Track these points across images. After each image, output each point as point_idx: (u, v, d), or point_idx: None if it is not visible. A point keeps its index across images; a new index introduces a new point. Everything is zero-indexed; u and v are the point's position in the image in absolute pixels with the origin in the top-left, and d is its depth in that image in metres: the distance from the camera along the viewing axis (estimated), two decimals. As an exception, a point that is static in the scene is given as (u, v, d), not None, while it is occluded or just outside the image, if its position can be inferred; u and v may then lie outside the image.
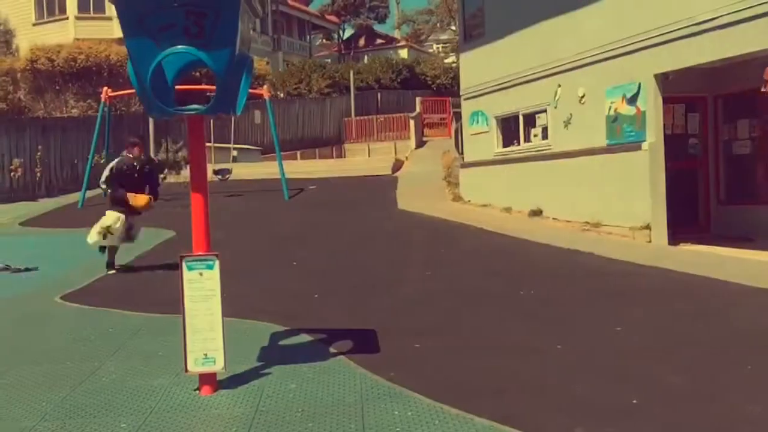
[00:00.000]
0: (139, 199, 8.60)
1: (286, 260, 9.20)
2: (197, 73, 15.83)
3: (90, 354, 5.22)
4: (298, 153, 26.02)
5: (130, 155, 8.78)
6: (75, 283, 7.99)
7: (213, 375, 4.31)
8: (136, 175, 8.72)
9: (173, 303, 4.49)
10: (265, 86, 19.54)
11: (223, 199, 15.68)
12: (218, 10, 3.94)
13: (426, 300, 6.79)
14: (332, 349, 5.02)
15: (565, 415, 3.71)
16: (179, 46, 3.92)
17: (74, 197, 16.97)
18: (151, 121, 19.21)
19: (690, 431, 3.49)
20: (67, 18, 28.13)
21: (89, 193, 16.81)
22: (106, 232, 8.52)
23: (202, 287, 4.24)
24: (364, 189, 17.74)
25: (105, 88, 16.45)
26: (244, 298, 6.67)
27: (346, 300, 6.88)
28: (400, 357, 4.86)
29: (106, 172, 8.84)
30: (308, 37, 43.08)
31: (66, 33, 27.38)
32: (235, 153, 18.89)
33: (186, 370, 4.25)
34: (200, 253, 4.29)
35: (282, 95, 28.58)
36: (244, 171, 19.20)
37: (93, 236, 8.58)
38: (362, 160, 24.54)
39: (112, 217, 8.59)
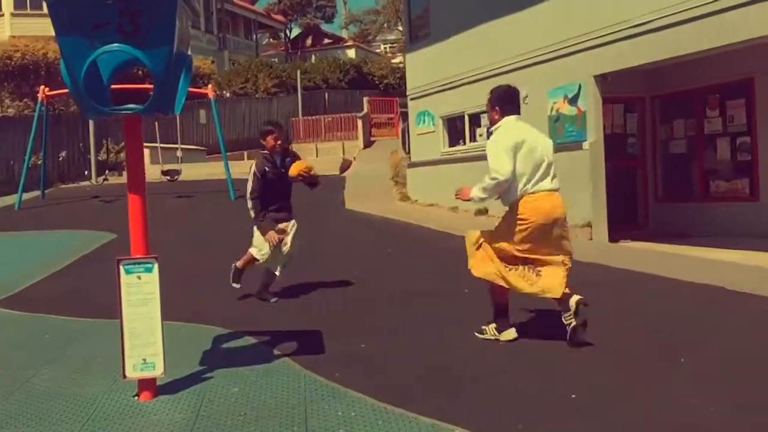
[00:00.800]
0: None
1: (231, 262, 9.06)
2: (140, 72, 15.48)
3: (25, 361, 5.06)
4: (245, 153, 25.70)
5: (266, 151, 6.73)
6: (10, 288, 7.73)
7: (152, 380, 4.22)
8: (282, 178, 6.70)
9: (112, 308, 4.38)
10: (209, 86, 19.24)
11: (169, 201, 15.38)
12: (154, 8, 3.86)
13: (373, 300, 6.79)
14: (276, 351, 4.98)
15: (509, 411, 3.76)
16: (113, 45, 3.83)
17: (11, 199, 16.41)
18: (91, 121, 18.73)
19: (627, 425, 3.57)
20: (3, 15, 27.19)
21: (26, 195, 16.30)
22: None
23: (140, 291, 4.15)
24: (312, 189, 17.65)
25: (42, 87, 15.98)
26: (186, 301, 6.56)
27: (293, 302, 6.83)
28: (345, 357, 4.85)
29: (250, 183, 6.64)
30: (255, 36, 42.66)
31: (1, 30, 26.47)
32: (179, 154, 18.54)
33: (124, 376, 4.15)
34: (138, 255, 4.20)
35: (228, 95, 28.24)
36: (189, 172, 18.88)
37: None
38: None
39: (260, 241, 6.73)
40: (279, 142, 6.74)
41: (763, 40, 8.15)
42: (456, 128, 14.20)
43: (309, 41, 46.41)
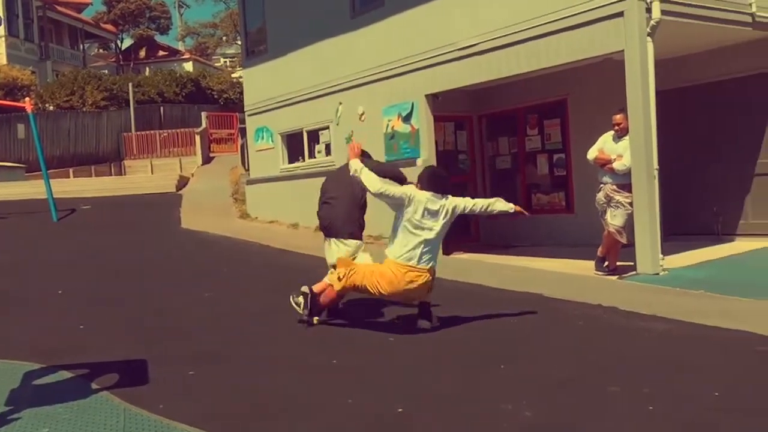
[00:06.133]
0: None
1: (50, 289, 8.38)
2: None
3: None
4: (71, 170, 24.08)
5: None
6: None
7: (-56, 428, 3.75)
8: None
9: None
10: (27, 98, 17.77)
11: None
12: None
13: (206, 323, 6.54)
14: (95, 385, 4.61)
15: (339, 428, 3.73)
16: None
17: None
18: None
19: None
20: None
21: None
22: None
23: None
24: (146, 207, 16.82)
25: None
26: (-6, 334, 5.95)
27: (117, 329, 6.40)
28: (172, 387, 4.60)
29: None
30: (82, 46, 40.10)
31: None
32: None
33: None
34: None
35: (51, 108, 26.26)
36: (5, 191, 17.31)
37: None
38: (144, 177, 23.26)
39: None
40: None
41: (572, 65, 8.89)
42: (295, 145, 14.14)
43: (143, 53, 44.35)
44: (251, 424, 3.91)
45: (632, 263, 7.87)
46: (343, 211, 6.38)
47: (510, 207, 5.96)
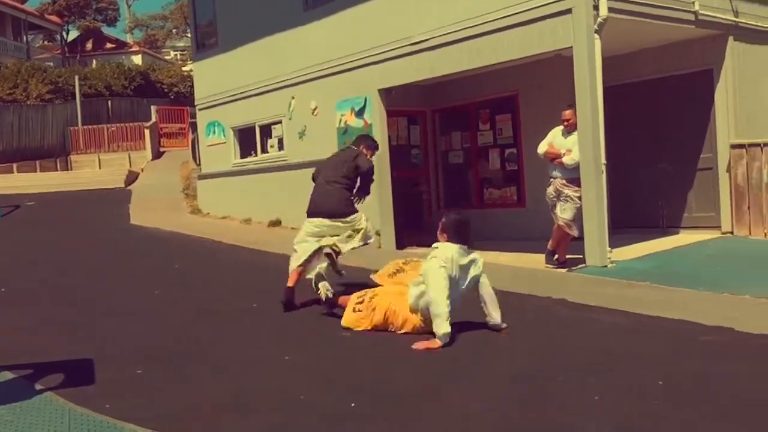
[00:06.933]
0: None
1: (-8, 287, 8.11)
2: None
3: None
4: (15, 165, 23.36)
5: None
6: None
7: None
8: None
9: None
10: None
11: None
12: None
13: (155, 321, 6.42)
14: (39, 386, 4.48)
15: (286, 426, 3.70)
16: None
17: None
18: None
19: (402, 428, 3.67)
20: None
21: None
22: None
23: None
24: (93, 203, 16.45)
25: None
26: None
27: (63, 329, 6.23)
28: (119, 386, 4.50)
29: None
30: (25, 37, 38.83)
31: None
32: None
33: None
34: None
35: (-7, 101, 25.42)
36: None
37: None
38: (92, 172, 22.74)
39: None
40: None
41: (523, 61, 9.00)
42: (247, 139, 13.99)
43: (89, 45, 43.21)
44: (199, 422, 3.85)
45: (581, 256, 8.02)
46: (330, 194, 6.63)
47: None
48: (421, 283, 5.28)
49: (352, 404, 3.98)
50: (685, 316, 5.57)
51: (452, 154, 12.03)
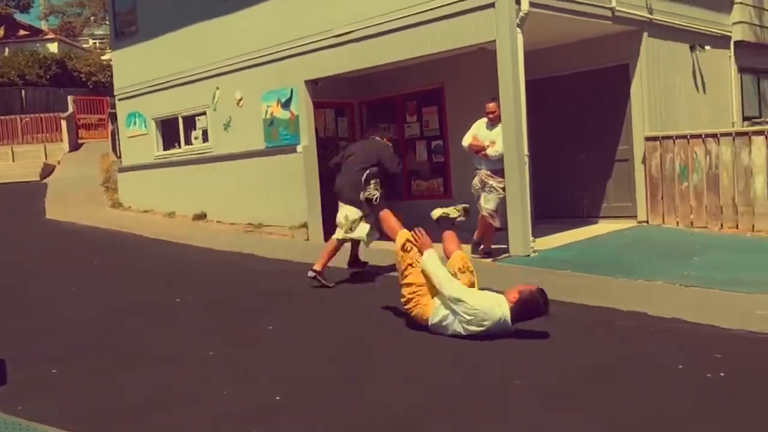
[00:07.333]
0: None
1: None
2: None
3: None
4: None
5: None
6: None
7: None
8: None
9: None
10: None
11: None
12: None
13: (71, 319, 6.18)
14: (-56, 389, 4.25)
15: (211, 421, 3.64)
16: None
17: None
18: None
19: (329, 419, 3.66)
20: None
21: None
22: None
23: None
24: (6, 198, 15.71)
25: None
26: None
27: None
28: (33, 387, 4.32)
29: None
30: (-71, 22, 36.59)
31: None
32: None
33: None
34: None
35: None
36: None
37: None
38: (4, 165, 21.63)
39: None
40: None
41: (447, 54, 9.09)
42: (170, 131, 13.61)
43: (1, 32, 41.08)
44: (117, 421, 3.73)
45: (506, 246, 8.19)
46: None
47: None
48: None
49: (277, 397, 3.94)
50: (604, 302, 5.77)
51: (380, 146, 12.03)
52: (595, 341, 4.85)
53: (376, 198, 6.69)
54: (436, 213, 6.10)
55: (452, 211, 6.09)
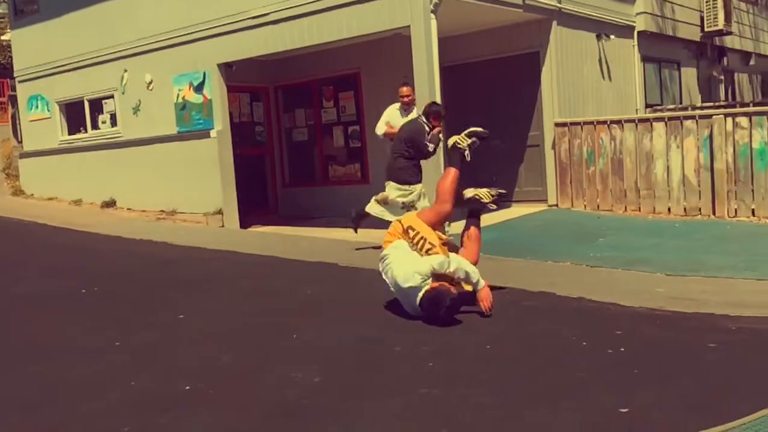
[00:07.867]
0: None
1: None
2: None
3: None
4: None
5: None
6: None
7: None
8: None
9: None
10: None
11: None
12: None
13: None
14: None
15: (122, 411, 3.52)
16: None
17: None
18: None
19: (238, 407, 3.61)
20: None
21: None
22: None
23: None
24: None
25: None
26: None
27: None
28: None
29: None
30: None
31: None
32: None
33: None
34: None
35: None
36: None
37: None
38: None
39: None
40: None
41: (363, 38, 9.06)
42: (76, 115, 13.02)
43: None
44: (14, 415, 3.56)
45: (421, 230, 8.25)
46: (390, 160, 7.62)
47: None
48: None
49: (187, 387, 3.85)
50: (512, 283, 5.92)
51: (296, 132, 11.94)
52: (502, 321, 4.97)
53: (466, 152, 6.15)
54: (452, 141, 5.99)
55: (485, 195, 5.85)
